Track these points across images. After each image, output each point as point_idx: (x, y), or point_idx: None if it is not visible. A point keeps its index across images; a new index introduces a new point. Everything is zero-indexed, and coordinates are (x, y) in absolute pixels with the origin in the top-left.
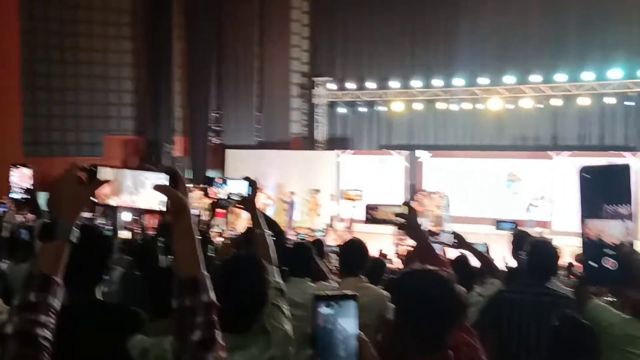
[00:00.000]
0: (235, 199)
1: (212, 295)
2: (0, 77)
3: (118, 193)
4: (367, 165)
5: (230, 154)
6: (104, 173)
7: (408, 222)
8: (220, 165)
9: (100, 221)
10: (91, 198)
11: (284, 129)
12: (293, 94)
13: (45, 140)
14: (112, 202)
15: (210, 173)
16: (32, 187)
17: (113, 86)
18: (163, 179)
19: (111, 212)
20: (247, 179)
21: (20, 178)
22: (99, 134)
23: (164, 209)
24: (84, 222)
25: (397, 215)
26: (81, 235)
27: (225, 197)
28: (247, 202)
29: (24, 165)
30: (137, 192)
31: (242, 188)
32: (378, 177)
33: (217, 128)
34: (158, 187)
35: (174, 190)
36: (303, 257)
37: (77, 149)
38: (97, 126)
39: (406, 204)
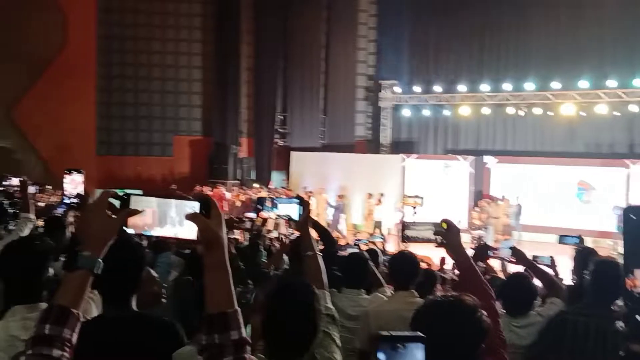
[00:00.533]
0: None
1: (244, 332)
2: (78, 80)
3: (161, 224)
4: (431, 170)
5: (295, 156)
6: (146, 202)
7: (448, 241)
8: (284, 166)
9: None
10: (123, 227)
11: (349, 132)
12: (358, 97)
13: (117, 140)
14: (154, 232)
15: (274, 175)
16: (82, 193)
17: (183, 88)
18: (197, 207)
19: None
20: (298, 197)
21: (73, 184)
22: (169, 135)
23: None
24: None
25: (436, 233)
26: (114, 246)
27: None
28: (299, 225)
29: (77, 171)
30: (182, 224)
31: (293, 210)
32: (442, 182)
33: (283, 130)
34: (190, 216)
35: (206, 220)
36: (358, 267)
37: (148, 149)
38: (167, 127)
39: (445, 221)
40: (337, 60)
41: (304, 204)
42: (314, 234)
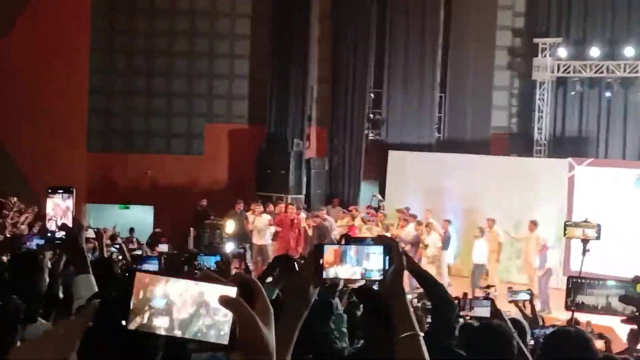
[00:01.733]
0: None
1: None
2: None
3: (182, 328)
4: (615, 183)
5: (394, 157)
6: (161, 286)
7: None
8: (376, 174)
9: None
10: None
11: (481, 122)
12: (498, 65)
13: (119, 129)
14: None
15: (363, 189)
16: (71, 226)
17: (222, 50)
18: (231, 293)
19: None
20: (383, 242)
21: (58, 211)
22: (199, 122)
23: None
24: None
25: (624, 299)
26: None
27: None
28: (386, 287)
29: (65, 190)
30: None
31: (376, 261)
32: (633, 203)
33: (375, 116)
34: (225, 301)
35: (248, 309)
36: (495, 349)
37: (165, 142)
38: (196, 110)
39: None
40: (466, 4)
41: (393, 253)
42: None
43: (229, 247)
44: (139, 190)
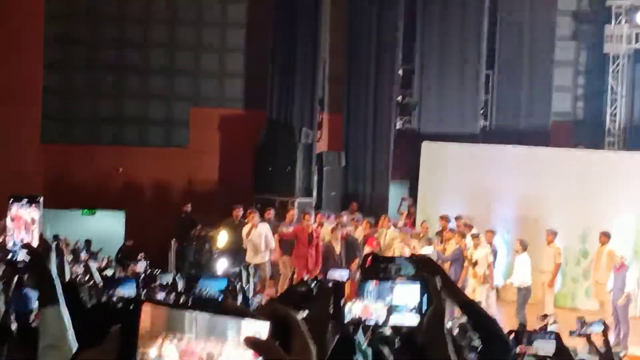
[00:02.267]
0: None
1: None
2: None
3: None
4: None
5: (428, 150)
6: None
7: None
8: (406, 171)
9: None
10: None
11: (540, 106)
12: (561, 35)
13: (80, 116)
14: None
15: (392, 190)
16: (35, 245)
17: (212, 19)
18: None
19: None
20: (416, 266)
21: (19, 224)
22: (183, 106)
23: None
24: None
25: None
26: None
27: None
28: (422, 335)
29: (31, 200)
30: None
31: (407, 297)
32: None
33: (405, 100)
34: (252, 343)
35: (281, 352)
36: None
37: (140, 132)
38: (180, 91)
39: None
40: None
41: (429, 286)
42: None
43: (221, 266)
44: (108, 192)
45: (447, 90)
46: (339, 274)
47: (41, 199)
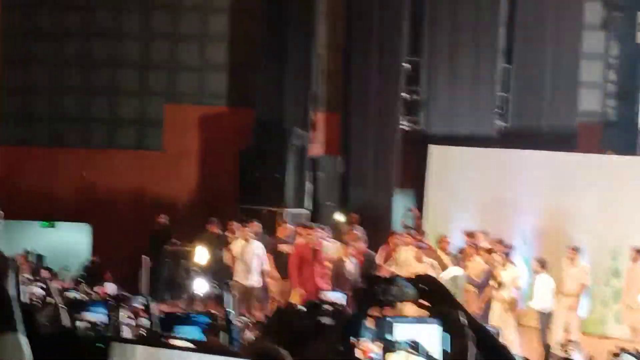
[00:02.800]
0: None
1: None
2: None
3: None
4: None
5: (438, 154)
6: None
7: None
8: (412, 178)
9: None
10: None
11: (564, 105)
12: (589, 23)
13: (38, 114)
14: None
15: (397, 200)
16: None
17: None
18: None
19: None
20: (419, 289)
21: None
22: (157, 102)
23: None
24: None
25: None
26: None
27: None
28: None
29: None
30: None
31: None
32: None
33: (412, 96)
34: None
35: None
36: None
37: (108, 132)
38: (153, 86)
39: None
40: None
41: (452, 324)
42: None
43: (200, 286)
44: (71, 201)
45: (459, 87)
46: (334, 296)
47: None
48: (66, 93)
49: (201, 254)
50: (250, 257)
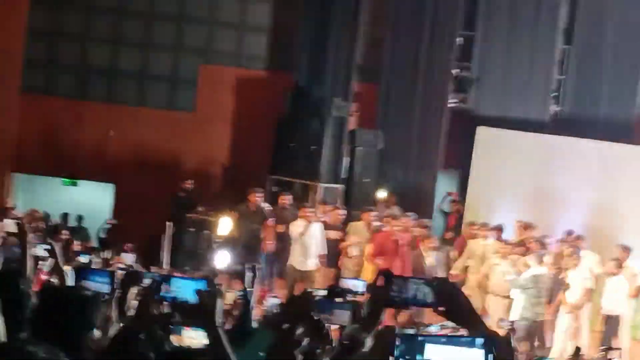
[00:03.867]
0: None
1: None
2: None
3: None
4: None
5: (485, 136)
6: None
7: None
8: (457, 160)
9: None
10: None
11: (625, 93)
12: None
13: (66, 64)
14: None
15: (441, 181)
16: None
17: None
18: None
19: None
20: (435, 291)
21: None
22: (191, 62)
23: None
24: None
25: None
26: None
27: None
28: None
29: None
30: None
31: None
32: None
33: (463, 74)
34: None
35: None
36: None
37: (136, 89)
38: (188, 44)
39: None
40: None
41: (497, 343)
42: None
43: (221, 260)
44: (96, 159)
45: (514, 66)
46: (352, 284)
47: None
48: (96, 41)
49: (225, 225)
50: (310, 238)
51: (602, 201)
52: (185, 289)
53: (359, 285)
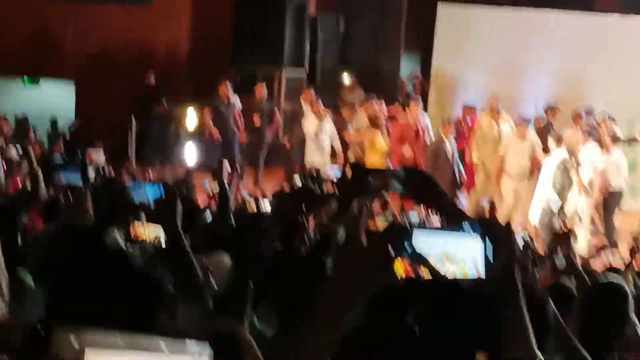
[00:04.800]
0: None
1: None
2: None
3: None
4: None
5: (446, 14)
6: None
7: None
8: (418, 41)
9: None
10: None
11: None
12: None
13: None
14: None
15: (405, 62)
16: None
17: None
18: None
19: None
20: (405, 182)
21: None
22: None
23: None
24: None
25: None
26: None
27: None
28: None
29: None
30: None
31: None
32: None
33: None
34: None
35: None
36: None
37: None
38: None
39: None
40: None
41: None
42: None
43: (189, 153)
44: (54, 56)
45: None
46: (331, 172)
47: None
48: None
49: (191, 117)
50: (325, 135)
51: (567, 73)
52: (148, 193)
53: (335, 174)
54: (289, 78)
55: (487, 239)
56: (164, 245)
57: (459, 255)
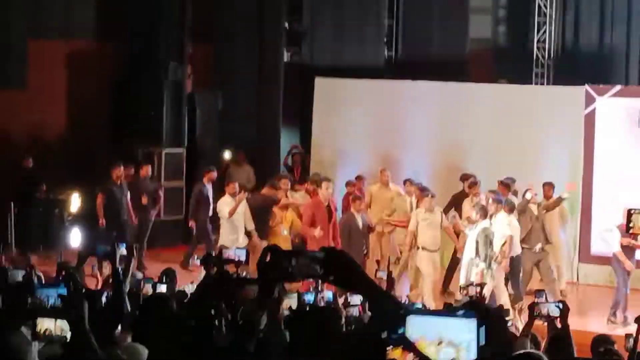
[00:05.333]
0: None
1: None
2: None
3: None
4: None
5: (323, 87)
6: None
7: None
8: (296, 114)
9: None
10: None
11: (454, 31)
12: None
13: None
14: None
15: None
16: None
17: None
18: None
19: None
20: (323, 265)
21: None
22: (19, 38)
23: None
24: None
25: None
26: None
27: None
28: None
29: None
30: None
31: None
32: None
33: (294, 27)
34: None
35: None
36: None
37: None
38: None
39: None
40: None
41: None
42: None
43: (75, 237)
44: None
45: (344, 14)
46: (235, 254)
47: None
48: None
49: (75, 201)
50: (241, 215)
51: (444, 139)
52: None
53: (241, 255)
54: (168, 156)
55: (479, 322)
56: (69, 340)
57: (455, 340)
